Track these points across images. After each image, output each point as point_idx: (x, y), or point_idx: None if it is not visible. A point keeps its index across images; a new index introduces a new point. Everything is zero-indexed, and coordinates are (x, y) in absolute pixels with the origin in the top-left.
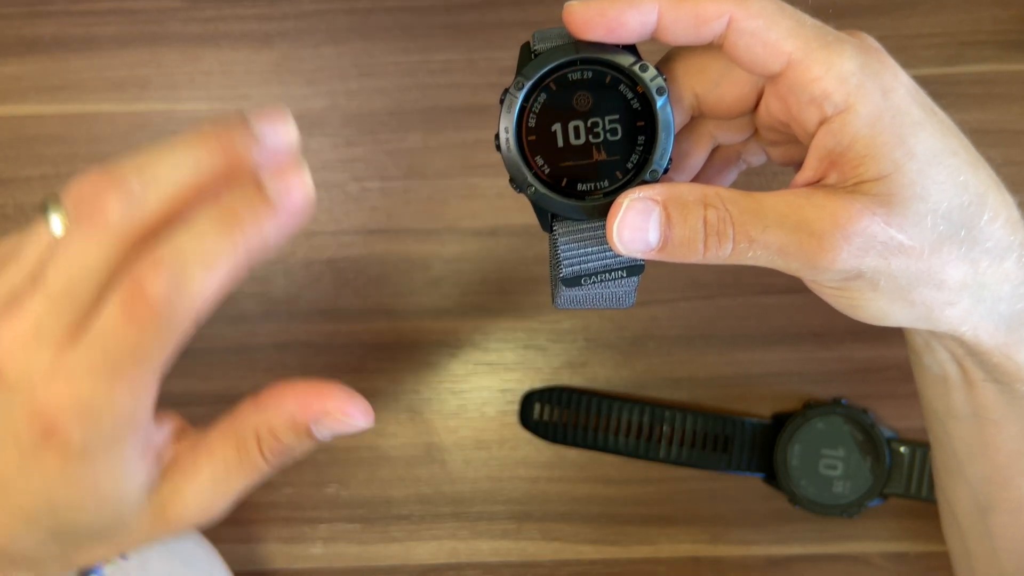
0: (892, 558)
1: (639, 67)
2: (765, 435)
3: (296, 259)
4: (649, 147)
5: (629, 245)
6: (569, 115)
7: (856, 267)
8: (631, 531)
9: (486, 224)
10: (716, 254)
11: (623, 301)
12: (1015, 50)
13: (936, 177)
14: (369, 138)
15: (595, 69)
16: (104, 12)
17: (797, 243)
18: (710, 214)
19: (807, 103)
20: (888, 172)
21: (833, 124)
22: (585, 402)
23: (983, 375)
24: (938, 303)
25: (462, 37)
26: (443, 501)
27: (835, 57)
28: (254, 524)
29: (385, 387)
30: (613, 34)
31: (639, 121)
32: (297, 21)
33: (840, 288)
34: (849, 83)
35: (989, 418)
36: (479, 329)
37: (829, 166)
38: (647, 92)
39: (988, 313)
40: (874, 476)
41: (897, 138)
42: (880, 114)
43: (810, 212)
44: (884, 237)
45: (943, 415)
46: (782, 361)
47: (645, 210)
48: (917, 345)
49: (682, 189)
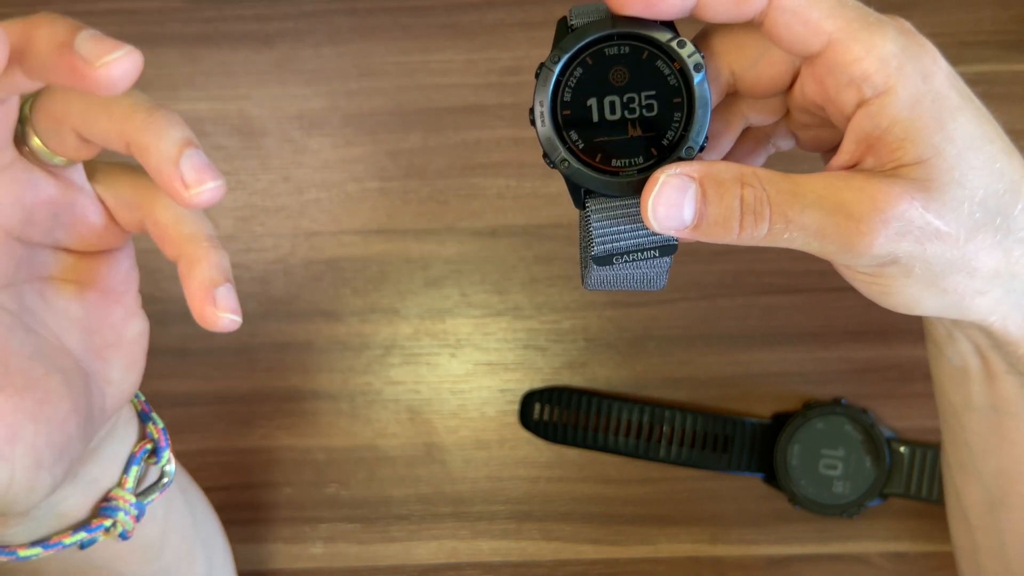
0: (892, 558)
1: (677, 43)
2: (765, 435)
3: (296, 259)
4: (686, 124)
5: (663, 222)
6: (605, 90)
7: (892, 252)
8: (631, 531)
9: (486, 224)
10: (752, 234)
11: (655, 283)
12: (1015, 50)
13: (974, 163)
14: (369, 138)
15: (632, 44)
16: (104, 12)
17: (834, 225)
18: (747, 193)
19: (846, 84)
20: (927, 157)
21: (872, 107)
22: (585, 402)
23: (1006, 367)
24: (969, 291)
25: (462, 37)
26: (443, 501)
27: (877, 38)
28: (254, 524)
29: (385, 387)
30: (652, 9)
31: (676, 98)
32: (297, 21)
33: (873, 274)
34: (890, 65)
35: (1008, 411)
36: (479, 329)
37: (866, 149)
38: (684, 68)
39: (1017, 303)
40: (874, 476)
41: (937, 122)
42: (920, 98)
43: (848, 195)
44: (922, 222)
45: (960, 407)
46: (782, 361)
47: (681, 186)
48: (938, 336)
49: (719, 167)
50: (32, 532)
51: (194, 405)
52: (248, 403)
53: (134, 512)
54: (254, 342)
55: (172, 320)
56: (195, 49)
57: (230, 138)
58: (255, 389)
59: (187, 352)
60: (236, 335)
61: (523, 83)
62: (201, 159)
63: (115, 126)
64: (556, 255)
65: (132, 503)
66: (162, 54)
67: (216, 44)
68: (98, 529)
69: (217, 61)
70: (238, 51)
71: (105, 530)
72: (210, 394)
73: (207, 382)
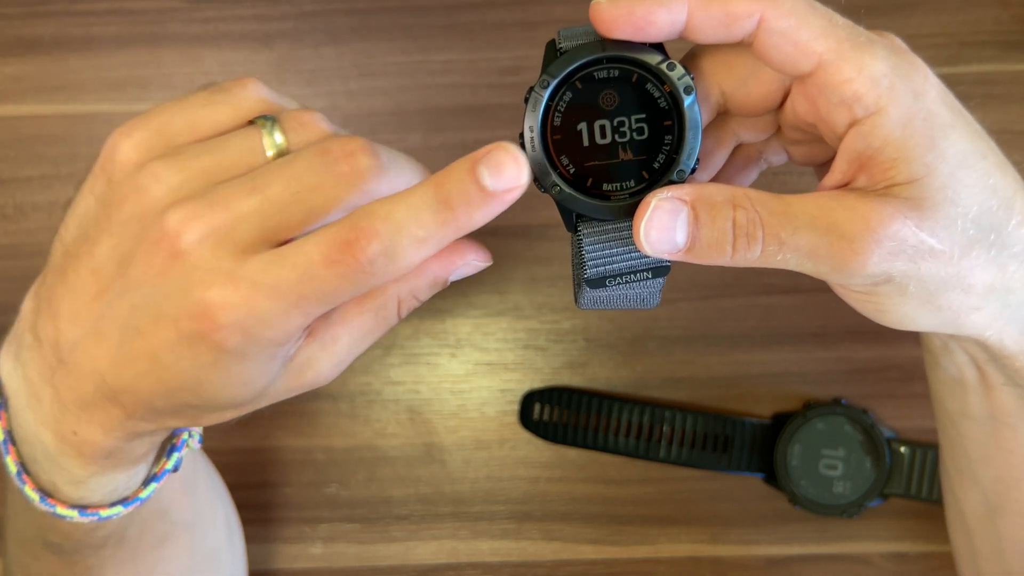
0: (892, 558)
1: (667, 66)
2: (765, 435)
3: None
4: (676, 147)
5: (656, 246)
6: (595, 114)
7: (886, 271)
8: (631, 531)
9: (486, 224)
10: (745, 256)
11: (648, 302)
12: (1015, 50)
13: (966, 180)
14: (369, 138)
15: (622, 68)
16: (104, 12)
17: (827, 246)
18: (739, 215)
19: (837, 105)
20: (920, 176)
21: (864, 127)
22: (585, 402)
23: (1003, 379)
24: (965, 308)
25: (462, 37)
26: (443, 501)
27: (867, 58)
28: (254, 524)
29: (385, 387)
30: (641, 33)
31: (666, 120)
32: (297, 21)
33: (868, 293)
34: (881, 85)
35: (1006, 422)
36: (479, 329)
37: (859, 169)
38: (675, 91)
39: (1013, 318)
40: (874, 476)
41: (929, 141)
42: (912, 117)
43: (841, 215)
44: (915, 241)
45: (957, 416)
46: (782, 361)
47: (673, 210)
48: (934, 347)
49: (711, 189)
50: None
51: None
52: None
53: (196, 445)
54: None
55: None
56: (195, 49)
57: None
58: None
59: None
60: None
61: (523, 83)
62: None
63: None
64: (556, 255)
65: (197, 438)
66: (162, 54)
67: (216, 44)
68: (163, 476)
69: (217, 61)
70: (238, 51)
71: (186, 444)
72: None
73: None
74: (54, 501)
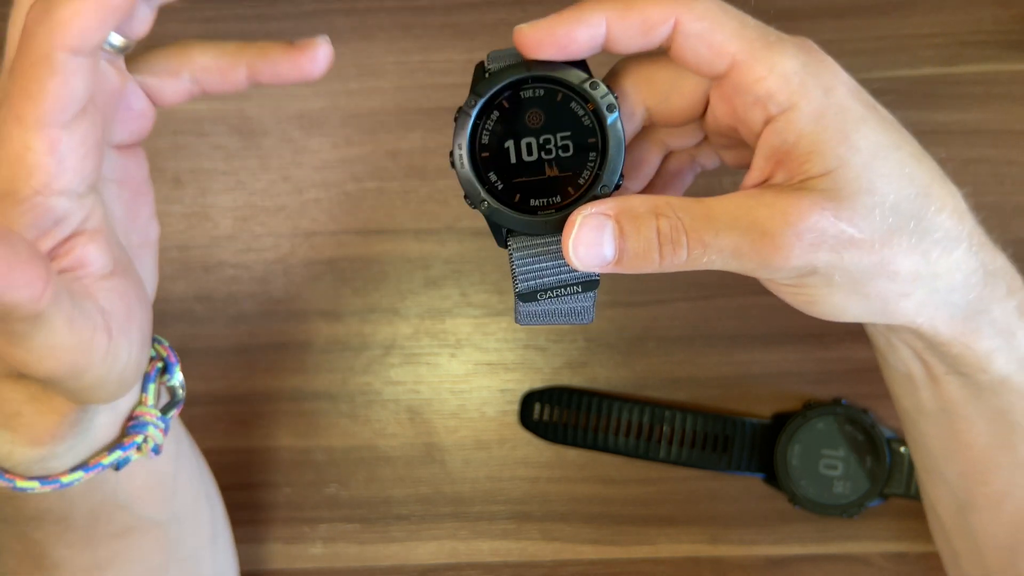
0: (892, 558)
1: (590, 85)
2: (765, 435)
3: (296, 259)
4: (601, 163)
5: (585, 260)
6: (522, 132)
7: (810, 263)
8: (631, 531)
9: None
10: (672, 262)
11: (583, 316)
12: (1015, 50)
13: (881, 170)
14: (369, 138)
15: (547, 87)
16: None
17: (750, 243)
18: (663, 224)
19: (752, 104)
20: (833, 167)
21: (778, 123)
22: (585, 402)
23: (945, 368)
24: (893, 295)
25: (462, 37)
26: (443, 501)
27: (777, 57)
28: (254, 524)
29: (385, 387)
30: (564, 51)
31: (590, 137)
32: (297, 21)
33: (796, 285)
34: (792, 82)
35: (957, 413)
36: (479, 329)
37: (776, 165)
38: (598, 109)
39: (943, 303)
40: (874, 476)
41: (840, 134)
42: (823, 111)
43: (760, 212)
44: (835, 231)
45: (914, 413)
46: (782, 361)
47: (599, 225)
48: (880, 345)
49: (633, 202)
50: (71, 459)
51: (194, 405)
52: (248, 403)
53: (161, 425)
54: (254, 342)
55: (172, 320)
56: None
57: (230, 138)
58: (255, 389)
59: (187, 352)
60: (236, 335)
61: None
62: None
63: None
64: None
65: (157, 416)
66: None
67: None
68: (131, 446)
69: None
70: None
71: (137, 447)
72: (210, 394)
73: (207, 382)
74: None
